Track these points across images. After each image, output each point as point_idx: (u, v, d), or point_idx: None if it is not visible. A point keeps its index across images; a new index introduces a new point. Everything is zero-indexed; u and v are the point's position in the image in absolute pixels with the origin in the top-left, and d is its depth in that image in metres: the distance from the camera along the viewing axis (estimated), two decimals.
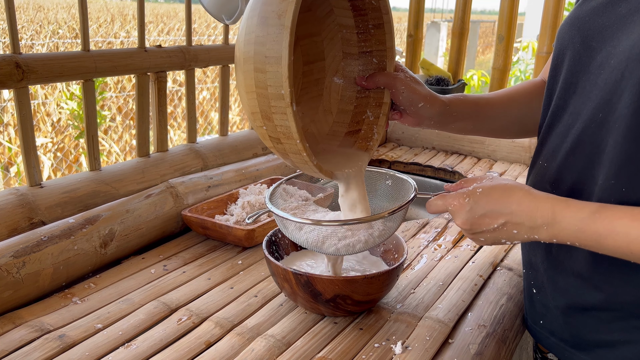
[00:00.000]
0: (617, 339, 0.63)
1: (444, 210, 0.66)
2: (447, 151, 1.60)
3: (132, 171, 1.03)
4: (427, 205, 0.68)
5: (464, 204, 0.62)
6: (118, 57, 0.99)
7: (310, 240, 0.69)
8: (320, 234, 0.68)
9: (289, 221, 0.69)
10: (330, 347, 0.67)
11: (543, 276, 0.72)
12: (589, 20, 0.63)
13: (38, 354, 0.65)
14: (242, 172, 1.19)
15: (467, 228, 0.63)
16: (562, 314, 0.69)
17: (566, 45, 0.66)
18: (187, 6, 1.13)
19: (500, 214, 0.60)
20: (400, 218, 0.72)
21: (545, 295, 0.72)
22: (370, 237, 0.69)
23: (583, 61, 0.63)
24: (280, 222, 0.71)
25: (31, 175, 0.89)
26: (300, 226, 0.69)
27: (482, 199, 0.61)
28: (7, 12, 0.83)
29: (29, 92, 0.87)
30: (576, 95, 0.64)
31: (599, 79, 0.60)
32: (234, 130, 4.38)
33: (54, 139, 3.45)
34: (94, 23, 6.76)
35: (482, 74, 4.17)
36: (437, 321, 0.73)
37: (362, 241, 0.69)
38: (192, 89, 1.18)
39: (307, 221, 0.67)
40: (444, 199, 0.65)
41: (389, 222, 0.71)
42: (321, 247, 0.69)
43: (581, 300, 0.66)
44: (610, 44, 0.59)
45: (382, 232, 0.71)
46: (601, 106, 0.59)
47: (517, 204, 0.60)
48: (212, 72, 4.96)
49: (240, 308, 0.75)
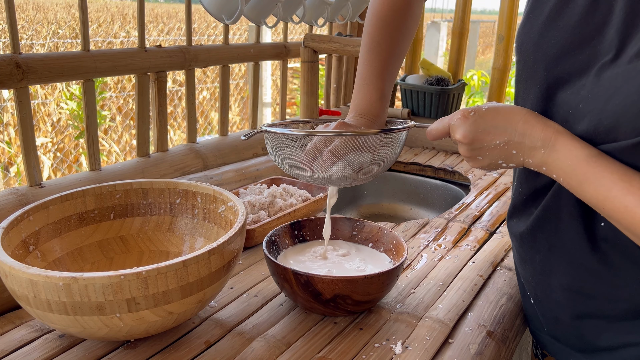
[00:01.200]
0: (622, 341, 0.63)
1: (445, 131, 0.63)
2: (447, 151, 1.60)
3: (132, 171, 1.03)
4: (428, 131, 0.66)
5: (468, 116, 0.60)
6: (118, 57, 0.99)
7: (302, 160, 0.68)
8: (313, 146, 0.68)
9: (284, 136, 0.68)
10: (330, 347, 0.67)
11: (537, 289, 0.72)
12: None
13: (38, 354, 0.65)
14: (242, 172, 1.19)
15: (468, 142, 0.61)
16: (563, 323, 0.69)
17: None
18: (187, 6, 1.13)
19: (504, 131, 0.59)
20: (398, 144, 0.70)
21: (543, 306, 0.72)
22: (367, 164, 0.68)
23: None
24: (274, 141, 0.71)
25: (31, 175, 0.89)
26: (294, 139, 0.68)
27: (488, 114, 0.60)
28: (7, 12, 0.83)
29: (29, 92, 0.87)
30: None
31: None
32: (234, 130, 4.38)
33: (54, 139, 3.45)
34: (94, 23, 6.76)
35: (482, 74, 4.17)
36: (437, 321, 0.73)
37: (356, 163, 0.68)
38: (192, 89, 1.18)
39: (300, 132, 0.67)
40: (444, 118, 0.63)
41: (386, 147, 0.69)
42: (313, 168, 0.68)
43: (577, 311, 0.66)
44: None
45: (381, 158, 0.69)
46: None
47: (524, 122, 0.58)
48: (212, 72, 4.96)
49: (240, 308, 0.75)
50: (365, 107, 0.75)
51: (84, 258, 0.77)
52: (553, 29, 0.60)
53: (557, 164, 0.56)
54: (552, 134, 0.57)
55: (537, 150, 0.58)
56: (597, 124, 0.55)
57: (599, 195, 0.53)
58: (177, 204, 0.82)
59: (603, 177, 0.53)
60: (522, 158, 0.59)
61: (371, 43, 0.76)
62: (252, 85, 1.39)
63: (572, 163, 0.55)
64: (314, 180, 0.71)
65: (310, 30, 1.52)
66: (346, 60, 1.71)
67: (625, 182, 0.52)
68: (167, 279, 0.58)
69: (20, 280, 0.57)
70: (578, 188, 0.55)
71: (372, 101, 0.75)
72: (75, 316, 0.57)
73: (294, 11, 1.30)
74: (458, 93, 1.69)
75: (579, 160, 0.55)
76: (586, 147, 0.55)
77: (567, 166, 0.55)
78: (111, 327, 0.59)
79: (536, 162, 0.58)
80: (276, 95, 4.64)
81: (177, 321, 0.64)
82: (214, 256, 0.62)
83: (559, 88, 0.61)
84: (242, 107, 4.76)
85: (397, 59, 0.77)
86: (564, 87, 0.60)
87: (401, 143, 0.72)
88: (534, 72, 0.63)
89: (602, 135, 0.55)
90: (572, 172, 0.55)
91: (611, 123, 0.54)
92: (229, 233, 0.66)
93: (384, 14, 0.77)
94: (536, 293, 0.72)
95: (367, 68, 0.76)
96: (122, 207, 0.81)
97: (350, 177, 0.69)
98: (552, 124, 0.58)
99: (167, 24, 6.56)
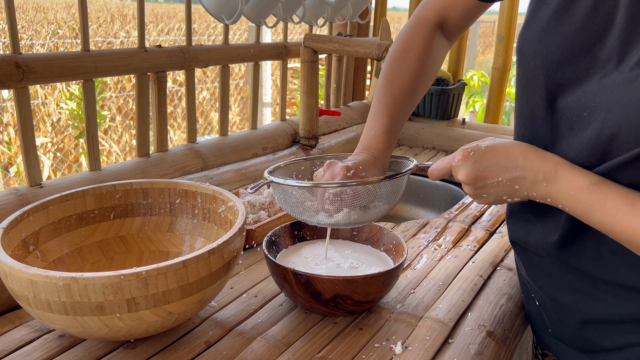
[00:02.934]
0: (626, 341, 0.63)
1: (447, 171, 0.64)
2: (447, 151, 1.60)
3: (132, 171, 1.03)
4: (430, 172, 0.67)
5: (469, 157, 0.61)
6: (118, 57, 0.99)
7: (308, 206, 0.70)
8: (317, 197, 0.70)
9: (286, 187, 0.70)
10: (330, 347, 0.67)
11: (542, 292, 0.72)
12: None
13: (38, 354, 0.65)
14: (242, 172, 1.19)
15: (471, 182, 0.62)
16: (570, 325, 0.69)
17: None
18: (187, 6, 1.13)
19: (505, 167, 0.60)
20: (401, 188, 0.72)
21: (548, 309, 0.72)
22: (372, 207, 0.71)
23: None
24: (279, 190, 0.72)
25: (31, 175, 0.89)
26: (297, 190, 0.70)
27: (487, 153, 0.61)
28: (7, 12, 0.83)
29: (29, 92, 0.87)
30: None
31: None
32: (234, 130, 4.38)
33: (53, 139, 3.45)
34: (94, 23, 6.75)
35: (482, 74, 4.17)
36: (437, 321, 0.73)
37: (360, 207, 0.70)
38: (192, 89, 1.18)
39: (306, 184, 0.68)
40: (445, 158, 0.64)
41: (389, 189, 0.71)
42: (317, 215, 0.70)
43: (585, 315, 0.66)
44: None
45: (385, 201, 0.71)
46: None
47: (523, 157, 0.59)
48: (212, 72, 4.96)
49: (240, 308, 0.75)
50: (369, 142, 0.76)
51: (84, 258, 0.77)
52: (553, 36, 0.61)
53: (560, 195, 0.57)
54: (552, 166, 0.58)
55: (539, 183, 0.58)
56: (599, 132, 0.55)
57: (604, 221, 0.54)
58: (177, 204, 0.82)
59: (606, 204, 0.54)
60: (525, 192, 0.60)
61: (383, 81, 0.78)
62: (252, 85, 1.39)
63: (574, 193, 0.56)
64: (321, 224, 0.73)
65: (310, 30, 1.52)
66: (346, 61, 1.71)
67: (629, 205, 0.53)
68: (167, 279, 0.58)
69: (20, 280, 0.57)
70: (584, 216, 0.56)
71: (375, 136, 0.75)
72: (75, 316, 0.57)
73: (294, 11, 1.30)
74: (458, 93, 1.69)
75: (581, 190, 0.56)
76: (587, 175, 0.56)
77: (571, 196, 0.56)
78: (111, 327, 0.59)
79: (540, 195, 0.59)
80: (276, 95, 4.65)
81: (177, 321, 0.64)
82: (214, 256, 0.62)
83: (559, 94, 0.61)
84: (242, 107, 4.76)
85: (409, 97, 0.77)
86: (564, 93, 0.60)
87: (404, 184, 0.73)
88: (534, 77, 0.63)
89: (604, 144, 0.55)
90: (575, 201, 0.56)
91: (613, 132, 0.54)
92: (229, 233, 0.66)
93: (398, 53, 0.78)
94: (542, 296, 0.72)
95: (376, 105, 0.77)
96: (122, 207, 0.81)
97: (357, 220, 0.72)
98: (551, 156, 0.59)
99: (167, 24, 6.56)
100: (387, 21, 1.64)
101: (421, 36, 0.78)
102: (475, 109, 3.77)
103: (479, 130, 1.61)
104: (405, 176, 0.72)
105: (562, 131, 0.61)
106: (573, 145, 0.60)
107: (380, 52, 1.23)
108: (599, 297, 0.63)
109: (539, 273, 0.71)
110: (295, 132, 1.44)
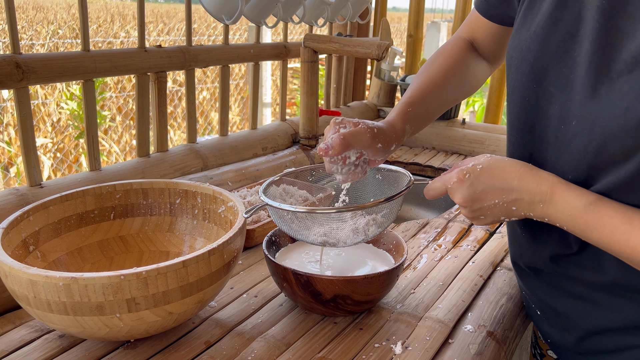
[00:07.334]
0: (627, 343, 0.63)
1: (442, 191, 0.64)
2: (447, 151, 1.60)
3: (132, 171, 1.03)
4: (426, 191, 0.66)
5: (464, 180, 0.61)
6: (118, 57, 0.99)
7: (302, 229, 0.70)
8: (315, 222, 0.69)
9: (284, 211, 0.69)
10: (330, 347, 0.67)
11: (541, 302, 0.72)
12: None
13: (38, 354, 0.65)
14: (242, 172, 1.19)
15: (467, 205, 0.62)
16: (571, 332, 0.69)
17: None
18: (187, 6, 1.13)
19: (501, 190, 0.60)
20: (397, 207, 0.72)
21: (549, 317, 0.72)
22: (370, 225, 0.71)
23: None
24: (275, 213, 0.72)
25: (31, 175, 0.89)
26: (294, 215, 0.70)
27: (483, 175, 0.60)
28: (7, 12, 0.83)
29: (29, 92, 0.87)
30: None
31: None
32: (234, 130, 4.38)
33: (54, 139, 3.45)
34: (94, 23, 6.76)
35: None
36: (437, 321, 0.73)
37: (360, 229, 0.70)
38: (192, 89, 1.18)
39: (301, 209, 0.67)
40: (442, 179, 0.64)
41: (385, 211, 0.71)
42: (311, 236, 0.70)
43: (588, 325, 0.66)
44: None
45: (380, 222, 0.71)
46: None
47: (519, 179, 0.59)
48: (212, 72, 4.96)
49: (240, 308, 0.75)
50: (386, 119, 0.74)
51: (84, 258, 0.77)
52: (539, 42, 0.61)
53: (557, 215, 0.57)
54: (548, 188, 0.58)
55: (536, 204, 0.58)
56: (586, 144, 0.56)
57: (603, 239, 0.54)
58: (177, 204, 0.82)
59: (604, 223, 0.54)
60: (522, 213, 0.60)
61: (414, 78, 0.79)
62: (252, 86, 1.39)
63: (571, 214, 0.56)
64: (316, 244, 0.73)
65: (310, 31, 1.52)
66: (346, 61, 1.71)
67: (626, 224, 0.53)
68: (167, 279, 0.58)
69: (20, 281, 0.57)
70: (583, 235, 0.57)
71: (392, 114, 0.74)
72: (75, 316, 0.57)
73: (294, 11, 1.30)
74: None
75: (578, 210, 0.56)
76: (583, 195, 0.56)
77: (568, 217, 0.56)
78: (111, 327, 0.59)
79: (537, 215, 0.59)
80: (276, 95, 4.65)
81: (177, 321, 0.64)
82: (214, 256, 0.62)
83: (547, 101, 0.61)
84: (242, 107, 4.77)
85: (432, 88, 0.76)
86: (551, 100, 0.61)
87: (400, 203, 0.73)
88: (521, 84, 0.64)
89: (591, 156, 0.56)
90: (573, 222, 0.56)
91: (599, 144, 0.54)
92: (229, 233, 0.66)
93: (432, 59, 0.81)
94: (541, 306, 0.72)
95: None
96: (122, 207, 0.81)
97: (353, 242, 0.71)
98: (547, 177, 0.58)
99: (167, 24, 6.56)
100: (387, 21, 1.64)
101: (453, 45, 0.81)
102: (474, 108, 3.77)
103: (479, 130, 1.61)
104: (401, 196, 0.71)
105: (549, 139, 0.62)
106: (561, 155, 0.60)
107: (380, 52, 1.23)
108: (602, 303, 0.63)
109: (538, 285, 0.71)
110: (295, 132, 1.44)
